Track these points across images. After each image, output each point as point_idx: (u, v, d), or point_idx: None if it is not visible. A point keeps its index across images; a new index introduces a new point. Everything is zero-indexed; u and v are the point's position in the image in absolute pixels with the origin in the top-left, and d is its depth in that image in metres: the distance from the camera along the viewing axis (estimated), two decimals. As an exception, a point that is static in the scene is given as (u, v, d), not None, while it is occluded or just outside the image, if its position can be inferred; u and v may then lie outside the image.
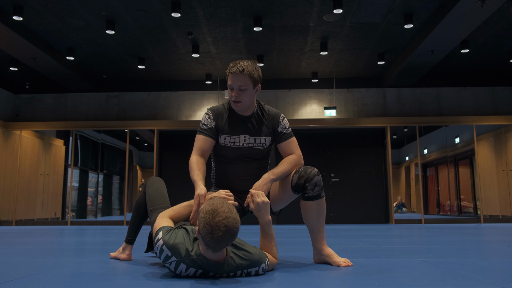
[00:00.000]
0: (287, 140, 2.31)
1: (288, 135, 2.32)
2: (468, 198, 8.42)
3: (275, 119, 2.32)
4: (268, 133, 2.31)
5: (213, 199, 1.77)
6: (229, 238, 1.69)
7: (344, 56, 7.73)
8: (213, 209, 1.70)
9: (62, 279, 1.86)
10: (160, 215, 2.06)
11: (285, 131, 2.31)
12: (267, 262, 1.93)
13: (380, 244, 3.51)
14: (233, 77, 2.17)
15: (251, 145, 2.28)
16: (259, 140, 2.29)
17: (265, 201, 2.01)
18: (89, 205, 8.71)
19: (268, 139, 2.32)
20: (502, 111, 8.58)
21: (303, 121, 8.55)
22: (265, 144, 2.31)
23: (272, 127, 2.31)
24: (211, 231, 1.66)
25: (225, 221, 1.66)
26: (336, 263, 2.17)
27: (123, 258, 2.51)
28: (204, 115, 2.30)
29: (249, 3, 5.78)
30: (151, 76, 8.78)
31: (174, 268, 1.82)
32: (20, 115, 8.91)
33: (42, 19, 6.16)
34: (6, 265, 2.33)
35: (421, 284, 1.65)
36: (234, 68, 2.17)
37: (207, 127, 2.26)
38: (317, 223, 2.21)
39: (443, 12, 5.69)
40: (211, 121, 2.26)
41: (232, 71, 2.17)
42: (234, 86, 2.18)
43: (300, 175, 2.16)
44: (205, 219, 1.69)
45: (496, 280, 1.73)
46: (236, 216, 1.72)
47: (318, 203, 2.18)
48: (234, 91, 2.19)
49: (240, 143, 2.27)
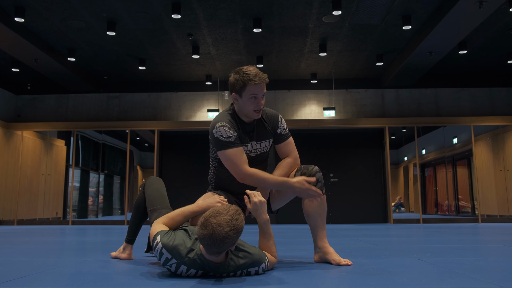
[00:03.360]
0: (285, 141, 2.33)
1: (286, 136, 2.34)
2: (466, 198, 8.46)
3: (274, 120, 2.33)
4: (270, 134, 2.33)
5: (232, 206, 1.79)
6: (212, 242, 1.68)
7: (343, 57, 7.77)
8: (219, 212, 1.73)
9: (63, 278, 1.86)
10: (155, 221, 2.04)
11: (283, 132, 2.34)
12: (266, 262, 1.94)
13: (378, 244, 3.52)
14: (259, 86, 2.13)
15: (258, 150, 2.29)
16: (264, 144, 2.31)
17: (261, 201, 2.04)
18: (90, 205, 8.75)
19: (271, 141, 2.34)
20: (499, 111, 8.62)
21: (302, 122, 8.59)
22: (268, 147, 2.34)
23: (272, 128, 2.32)
24: (201, 225, 1.71)
25: (215, 226, 1.67)
26: (336, 262, 2.18)
27: (124, 257, 2.52)
28: (220, 129, 2.16)
29: (249, 5, 5.82)
30: (151, 77, 8.82)
31: (175, 270, 1.83)
32: (22, 115, 8.95)
33: (44, 20, 6.19)
34: (8, 264, 2.34)
35: (419, 283, 1.66)
36: (260, 77, 2.13)
37: (234, 137, 2.17)
38: (319, 220, 2.23)
39: (441, 14, 5.72)
40: (233, 132, 2.17)
41: (259, 81, 2.12)
42: (260, 94, 2.15)
43: (302, 173, 2.19)
44: (207, 213, 1.74)
45: (493, 280, 1.74)
46: (229, 231, 1.68)
47: (319, 200, 2.21)
48: (259, 99, 2.15)
49: (249, 151, 2.26)
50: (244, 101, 2.16)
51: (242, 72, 2.15)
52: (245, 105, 2.17)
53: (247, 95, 2.14)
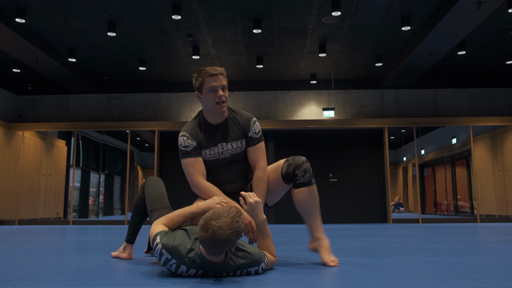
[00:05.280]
0: (255, 145, 2.31)
1: (257, 140, 2.31)
2: (465, 198, 8.48)
3: (246, 123, 2.32)
4: (242, 136, 2.31)
5: (233, 208, 1.78)
6: (213, 244, 1.68)
7: (342, 58, 7.79)
8: (220, 214, 1.72)
9: (64, 278, 1.87)
10: (155, 222, 2.04)
11: (254, 136, 2.31)
12: (266, 261, 1.94)
13: (378, 244, 3.53)
14: (216, 78, 2.17)
15: (229, 151, 2.28)
16: (235, 145, 2.29)
17: (257, 201, 2.05)
18: (91, 205, 8.77)
19: (244, 141, 2.32)
20: (498, 112, 8.65)
21: (301, 122, 8.62)
22: (242, 147, 2.31)
23: (244, 131, 2.31)
24: (201, 227, 1.70)
25: (216, 229, 1.67)
26: (323, 261, 2.20)
27: (124, 257, 2.53)
28: (180, 139, 2.25)
29: (249, 6, 5.84)
30: (152, 78, 8.84)
31: (175, 270, 1.84)
32: (23, 116, 8.97)
33: (44, 21, 6.22)
34: (9, 264, 2.35)
35: (418, 283, 1.67)
36: (216, 68, 2.19)
37: (191, 148, 2.23)
38: (311, 209, 2.24)
39: (440, 15, 5.74)
40: (191, 141, 2.23)
41: (214, 73, 2.17)
42: (219, 86, 2.18)
43: (289, 163, 2.22)
44: (207, 215, 1.73)
45: (492, 279, 1.75)
46: (230, 234, 1.69)
47: (309, 189, 2.22)
48: (219, 91, 2.18)
49: (220, 153, 2.27)
50: (205, 96, 2.21)
51: (200, 71, 2.23)
52: (207, 100, 2.21)
53: (207, 90, 2.19)
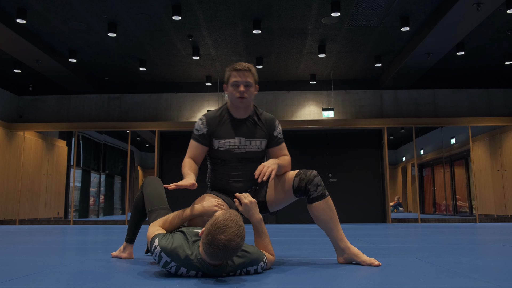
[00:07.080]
0: (280, 144, 2.39)
1: (281, 140, 2.41)
2: (464, 198, 8.50)
3: (271, 123, 2.37)
4: (264, 136, 2.35)
5: (231, 213, 1.73)
6: (224, 256, 1.67)
7: (341, 58, 7.82)
8: (224, 225, 1.67)
9: (64, 277, 1.87)
10: (152, 224, 2.02)
11: (279, 136, 2.40)
12: (265, 260, 1.94)
13: (377, 243, 3.53)
14: (240, 73, 2.25)
15: (246, 147, 2.31)
16: (254, 142, 2.32)
17: (252, 201, 2.06)
18: (91, 204, 8.79)
19: (264, 142, 2.35)
20: (497, 112, 8.67)
21: (301, 122, 8.64)
22: (260, 147, 2.34)
23: (268, 131, 2.36)
24: (209, 244, 1.66)
25: (227, 243, 1.64)
26: (366, 263, 2.16)
27: (124, 257, 2.52)
28: (198, 121, 2.34)
29: (249, 6, 5.87)
30: (152, 78, 8.87)
31: (175, 271, 1.83)
32: (24, 116, 9.00)
33: (45, 22, 6.24)
34: (10, 263, 2.35)
35: (417, 283, 1.67)
36: (241, 65, 2.26)
37: (199, 133, 2.31)
38: (331, 222, 2.21)
39: (439, 15, 5.76)
40: (203, 127, 2.30)
41: (239, 68, 2.25)
42: (241, 81, 2.25)
43: (301, 178, 2.21)
44: (211, 229, 1.67)
45: (491, 279, 1.75)
46: (240, 242, 1.68)
47: (325, 202, 2.20)
48: (240, 86, 2.24)
49: (236, 146, 2.30)
50: (230, 90, 2.29)
51: (230, 64, 2.32)
52: (231, 93, 2.28)
53: (230, 83, 2.27)
